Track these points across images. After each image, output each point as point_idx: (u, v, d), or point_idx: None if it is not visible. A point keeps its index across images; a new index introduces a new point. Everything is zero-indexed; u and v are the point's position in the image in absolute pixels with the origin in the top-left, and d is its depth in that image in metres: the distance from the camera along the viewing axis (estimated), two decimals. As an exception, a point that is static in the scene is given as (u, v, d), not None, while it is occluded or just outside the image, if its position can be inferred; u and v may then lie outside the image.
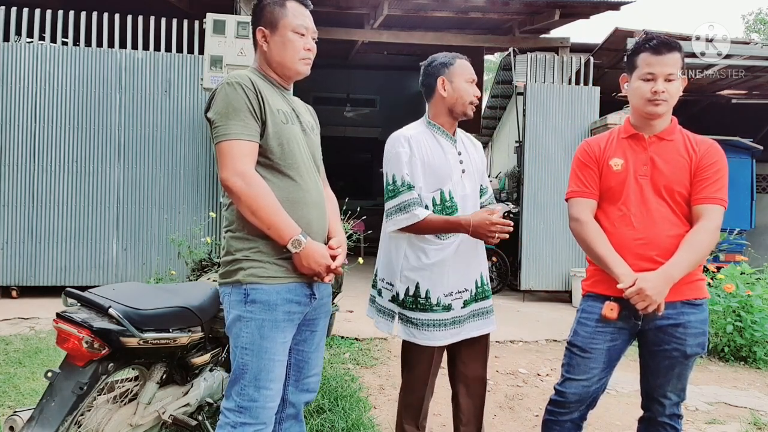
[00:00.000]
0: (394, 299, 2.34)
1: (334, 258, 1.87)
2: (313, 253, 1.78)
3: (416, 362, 2.36)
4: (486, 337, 2.44)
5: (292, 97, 2.04)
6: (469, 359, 2.42)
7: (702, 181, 1.99)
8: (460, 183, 2.33)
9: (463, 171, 2.35)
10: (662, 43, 1.99)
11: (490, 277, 2.49)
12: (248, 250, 1.80)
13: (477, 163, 2.45)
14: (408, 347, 2.38)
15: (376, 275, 2.47)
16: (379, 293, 2.43)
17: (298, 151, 1.88)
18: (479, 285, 2.38)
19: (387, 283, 2.39)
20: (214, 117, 1.78)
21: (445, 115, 2.37)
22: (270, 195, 1.75)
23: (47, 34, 6.48)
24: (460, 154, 2.38)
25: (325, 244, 1.94)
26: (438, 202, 2.29)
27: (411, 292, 2.29)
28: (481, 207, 2.47)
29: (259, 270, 1.79)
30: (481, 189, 2.50)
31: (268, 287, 1.78)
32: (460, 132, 2.47)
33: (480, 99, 2.34)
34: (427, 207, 2.28)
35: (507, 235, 2.19)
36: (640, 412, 2.23)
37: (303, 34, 1.90)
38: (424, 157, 2.29)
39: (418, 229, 2.24)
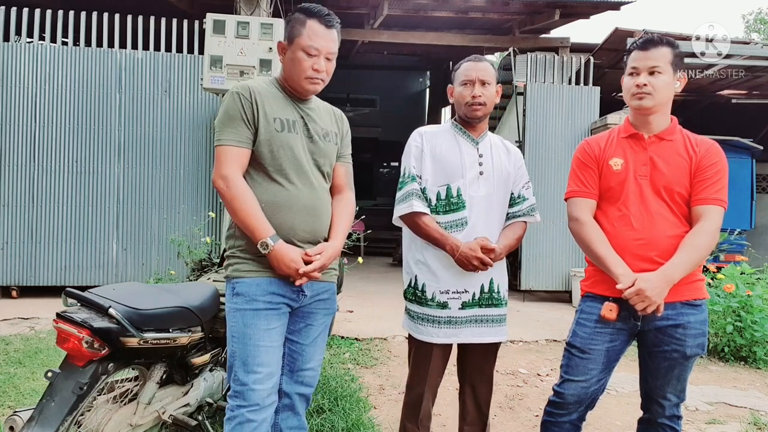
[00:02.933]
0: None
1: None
2: (282, 256, 1.87)
3: (415, 357, 2.38)
4: (496, 342, 2.41)
5: (313, 104, 2.11)
6: (476, 362, 2.41)
7: (702, 181, 1.99)
8: (475, 184, 2.32)
9: (481, 173, 2.34)
10: (648, 40, 2.03)
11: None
12: (236, 247, 1.96)
13: (505, 170, 2.38)
14: (410, 341, 2.42)
15: None
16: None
17: (290, 158, 1.96)
18: (486, 291, 2.33)
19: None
20: (216, 123, 1.96)
21: (459, 119, 2.41)
22: (248, 198, 1.88)
23: (47, 34, 6.48)
24: (481, 156, 2.36)
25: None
26: (443, 197, 2.31)
27: (412, 284, 2.35)
28: (512, 217, 2.41)
29: (242, 265, 1.93)
30: (513, 198, 2.41)
31: (250, 280, 1.92)
32: (494, 138, 2.46)
33: (475, 98, 2.28)
34: (430, 200, 2.31)
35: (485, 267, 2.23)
36: (640, 413, 2.22)
37: (313, 55, 1.95)
38: (436, 151, 2.34)
39: (414, 224, 2.29)
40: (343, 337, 4.83)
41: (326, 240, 2.04)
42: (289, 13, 2.04)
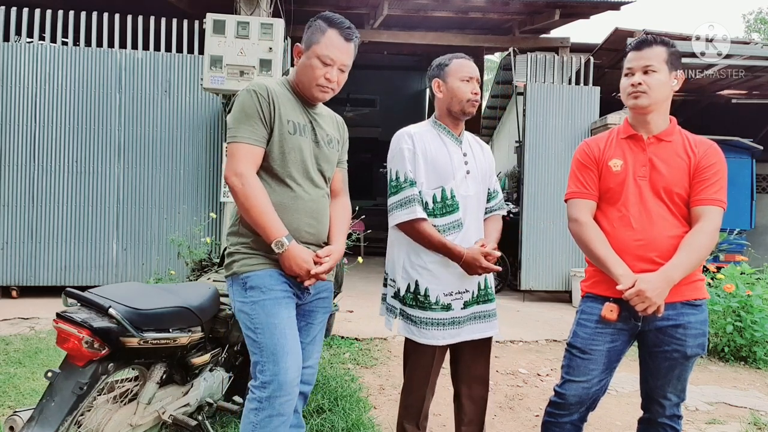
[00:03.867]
0: (396, 295, 2.37)
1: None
2: (295, 256, 1.90)
3: (416, 361, 2.36)
4: (490, 338, 2.44)
5: (319, 110, 2.14)
6: (472, 360, 2.42)
7: (701, 182, 1.99)
8: (464, 183, 2.34)
9: (468, 172, 2.36)
10: (642, 41, 2.06)
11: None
12: (241, 244, 1.97)
13: (483, 166, 2.45)
14: (409, 346, 2.39)
15: (385, 272, 2.49)
16: (386, 288, 2.48)
17: (299, 160, 1.99)
18: (482, 288, 2.37)
19: (391, 279, 2.42)
20: (230, 119, 1.94)
21: (447, 116, 2.39)
22: (262, 196, 1.89)
23: (47, 34, 6.48)
24: (465, 155, 2.38)
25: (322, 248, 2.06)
26: (438, 199, 2.30)
27: (411, 289, 2.31)
28: (490, 212, 2.49)
29: (250, 260, 1.94)
30: (489, 193, 2.49)
31: (263, 272, 1.92)
32: (468, 134, 2.49)
33: (476, 95, 2.32)
34: (427, 204, 2.29)
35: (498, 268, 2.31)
36: (640, 413, 2.22)
37: (327, 64, 1.97)
38: (427, 154, 2.32)
39: (415, 231, 2.26)
40: (343, 337, 4.83)
41: (326, 243, 2.08)
42: (312, 18, 2.05)
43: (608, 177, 2.09)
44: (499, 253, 2.32)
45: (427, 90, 15.74)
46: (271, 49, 5.60)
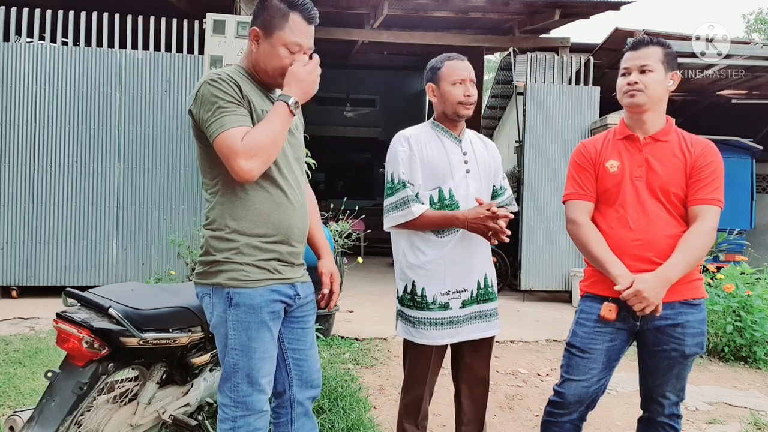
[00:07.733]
0: (396, 296, 2.37)
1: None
2: None
3: (415, 361, 2.36)
4: (491, 338, 2.44)
5: (277, 93, 1.95)
6: (472, 360, 2.42)
7: (698, 182, 2.00)
8: (464, 183, 2.33)
9: (468, 171, 2.35)
10: (638, 41, 2.08)
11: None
12: (229, 251, 1.78)
13: (487, 164, 2.43)
14: (407, 346, 2.39)
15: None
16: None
17: (282, 153, 1.83)
18: (482, 286, 2.36)
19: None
20: (205, 116, 1.71)
21: (443, 118, 2.39)
22: None
23: (47, 34, 6.49)
24: (465, 154, 2.37)
25: (306, 241, 1.97)
26: (436, 200, 2.30)
27: (408, 290, 2.31)
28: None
29: (240, 274, 1.77)
30: (495, 190, 2.48)
31: (252, 291, 1.77)
32: (470, 133, 2.48)
33: (470, 97, 2.29)
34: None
35: (507, 238, 2.19)
36: (640, 412, 2.23)
37: (295, 52, 1.81)
38: (424, 156, 2.31)
39: (415, 225, 2.27)
40: (343, 337, 4.82)
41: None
42: None
43: (605, 178, 2.10)
44: (509, 214, 2.24)
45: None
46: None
